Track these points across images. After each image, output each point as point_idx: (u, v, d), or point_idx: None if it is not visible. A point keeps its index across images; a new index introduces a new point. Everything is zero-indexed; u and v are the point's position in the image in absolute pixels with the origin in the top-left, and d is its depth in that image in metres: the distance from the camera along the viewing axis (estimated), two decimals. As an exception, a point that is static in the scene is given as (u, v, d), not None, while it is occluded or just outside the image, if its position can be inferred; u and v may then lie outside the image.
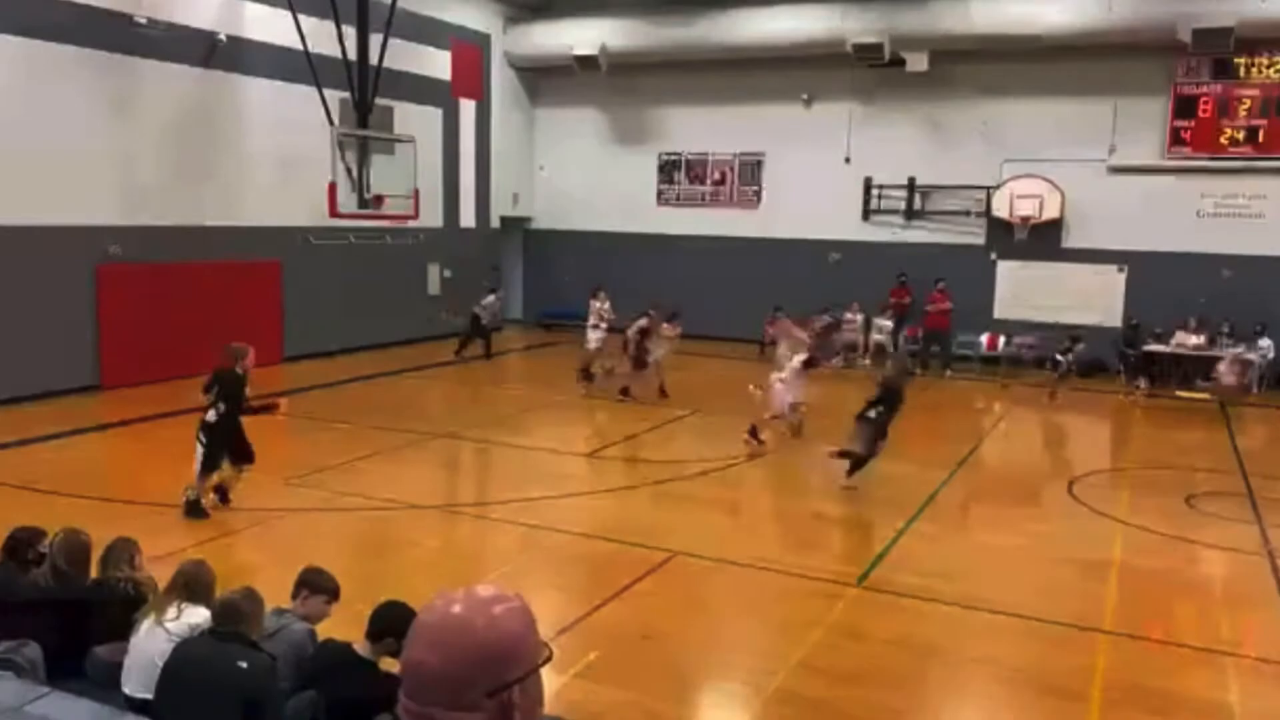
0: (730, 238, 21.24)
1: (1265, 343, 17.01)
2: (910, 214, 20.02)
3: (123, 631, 4.49)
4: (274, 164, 16.28)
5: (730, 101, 21.20)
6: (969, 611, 7.22)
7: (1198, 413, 15.56)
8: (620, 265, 20.86)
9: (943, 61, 18.73)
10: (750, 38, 19.69)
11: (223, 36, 15.51)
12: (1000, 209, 18.99)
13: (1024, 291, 19.02)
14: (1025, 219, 18.74)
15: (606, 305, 15.89)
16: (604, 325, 15.75)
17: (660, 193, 22.43)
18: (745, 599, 7.57)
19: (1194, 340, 17.33)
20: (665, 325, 14.85)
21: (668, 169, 22.36)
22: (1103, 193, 18.43)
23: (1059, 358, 16.02)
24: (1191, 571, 8.49)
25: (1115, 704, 5.90)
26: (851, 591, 7.54)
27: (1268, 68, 17.37)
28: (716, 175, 21.96)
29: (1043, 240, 18.85)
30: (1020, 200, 18.78)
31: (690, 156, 22.10)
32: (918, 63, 18.73)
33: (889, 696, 5.97)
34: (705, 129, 21.61)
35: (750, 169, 21.61)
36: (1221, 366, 16.49)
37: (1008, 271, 19.37)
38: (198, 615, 4.36)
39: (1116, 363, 17.54)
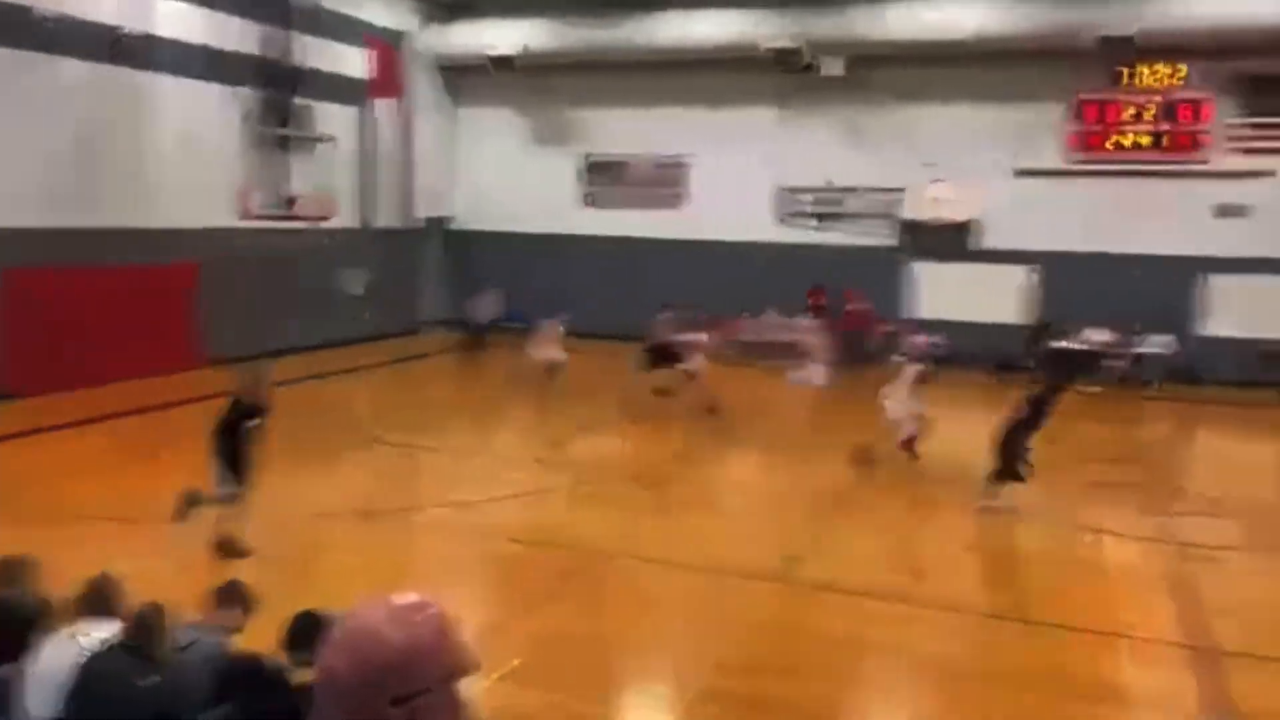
0: (654, 240, 21.32)
1: (1168, 338, 17.74)
2: (827, 217, 20.38)
3: (24, 650, 4.31)
4: (187, 164, 15.81)
5: (653, 104, 21.28)
6: (893, 604, 7.38)
7: (1103, 407, 16.08)
8: (543, 267, 20.81)
9: (860, 67, 19.10)
10: (670, 41, 19.81)
11: (129, 30, 14.98)
12: (915, 211, 19.44)
13: (938, 292, 19.47)
14: (939, 221, 19.19)
15: (561, 330, 15.68)
16: (555, 350, 15.48)
17: (583, 194, 22.41)
18: (676, 598, 7.61)
19: (1102, 337, 17.95)
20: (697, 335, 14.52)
21: (591, 170, 22.35)
22: (1012, 195, 18.96)
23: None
24: (1100, 559, 8.82)
25: (1034, 689, 6.09)
26: (780, 588, 7.64)
27: (1169, 76, 18.11)
28: (640, 177, 22.03)
29: (956, 242, 19.36)
30: (934, 203, 19.24)
31: (614, 158, 22.12)
32: (834, 67, 19.11)
33: (814, 691, 6.07)
34: (629, 131, 21.65)
35: (674, 171, 21.72)
36: None
37: (922, 273, 19.84)
38: (105, 630, 4.22)
39: (1026, 360, 18.03)
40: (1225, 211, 17.92)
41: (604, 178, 22.27)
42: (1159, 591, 7.91)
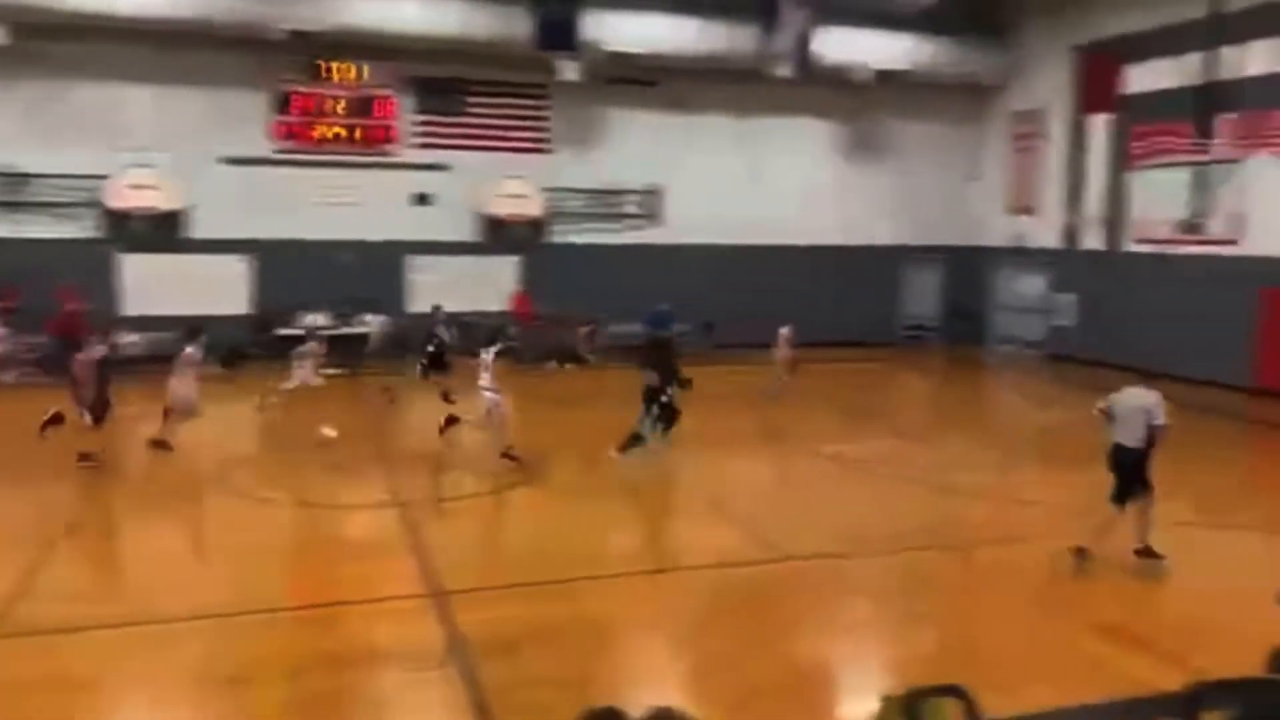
0: None
1: (380, 318, 19.24)
2: (10, 205, 17.73)
3: None
4: None
5: None
6: (133, 629, 6.82)
7: (361, 388, 16.57)
8: None
9: (33, 37, 16.88)
10: None
11: None
12: (117, 200, 18.13)
13: (153, 285, 18.23)
14: (146, 210, 18.18)
15: None
16: None
17: None
18: None
19: (322, 320, 18.60)
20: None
21: None
22: (222, 183, 18.68)
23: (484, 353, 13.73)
24: (348, 534, 9.35)
25: (297, 675, 6.17)
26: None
27: (355, 73, 19.44)
28: None
29: (168, 232, 18.49)
30: (134, 190, 18.19)
31: None
32: (-2, 35, 16.54)
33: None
34: None
35: None
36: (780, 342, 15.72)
37: (132, 265, 18.42)
38: None
39: (254, 349, 17.97)
40: (419, 200, 20.08)
41: None
42: (403, 551, 8.59)
